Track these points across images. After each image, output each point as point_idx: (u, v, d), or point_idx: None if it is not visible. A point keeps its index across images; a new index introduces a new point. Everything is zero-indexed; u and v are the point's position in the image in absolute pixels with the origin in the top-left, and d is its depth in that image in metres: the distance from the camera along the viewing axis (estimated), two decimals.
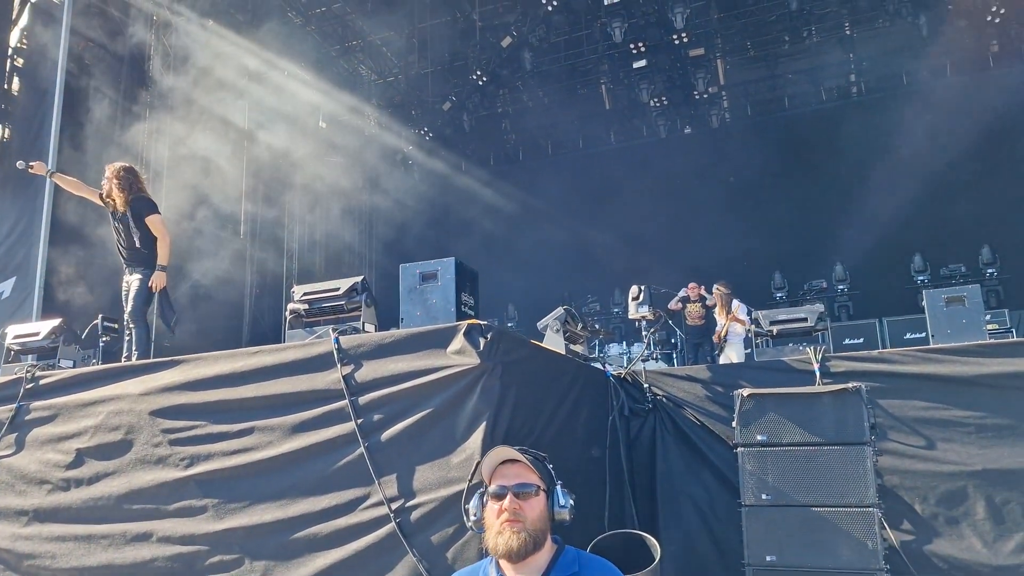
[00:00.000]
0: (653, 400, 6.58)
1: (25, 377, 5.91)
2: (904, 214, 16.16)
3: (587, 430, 6.04)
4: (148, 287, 6.90)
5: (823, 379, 5.89)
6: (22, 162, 7.28)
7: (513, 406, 4.72)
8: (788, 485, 5.10)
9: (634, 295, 7.22)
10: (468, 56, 18.37)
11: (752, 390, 5.41)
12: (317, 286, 5.77)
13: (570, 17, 17.26)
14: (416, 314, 5.31)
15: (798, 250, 16.94)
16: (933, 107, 16.71)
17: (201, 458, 5.14)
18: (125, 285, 7.07)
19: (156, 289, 6.90)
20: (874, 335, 13.54)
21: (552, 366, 5.75)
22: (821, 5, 16.31)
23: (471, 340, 4.66)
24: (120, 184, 6.93)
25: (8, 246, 12.41)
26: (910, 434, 5.67)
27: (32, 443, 5.73)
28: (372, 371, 4.86)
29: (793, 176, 17.69)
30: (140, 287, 6.88)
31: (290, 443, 4.93)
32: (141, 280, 6.90)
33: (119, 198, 6.92)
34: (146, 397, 5.42)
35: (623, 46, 17.34)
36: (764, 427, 5.25)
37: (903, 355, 5.99)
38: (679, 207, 17.85)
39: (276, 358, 5.20)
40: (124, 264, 7.15)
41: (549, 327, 6.25)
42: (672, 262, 16.34)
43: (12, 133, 13.04)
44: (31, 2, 13.32)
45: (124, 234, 7.00)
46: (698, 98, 18.92)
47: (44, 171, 7.54)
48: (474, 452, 4.44)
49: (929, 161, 16.12)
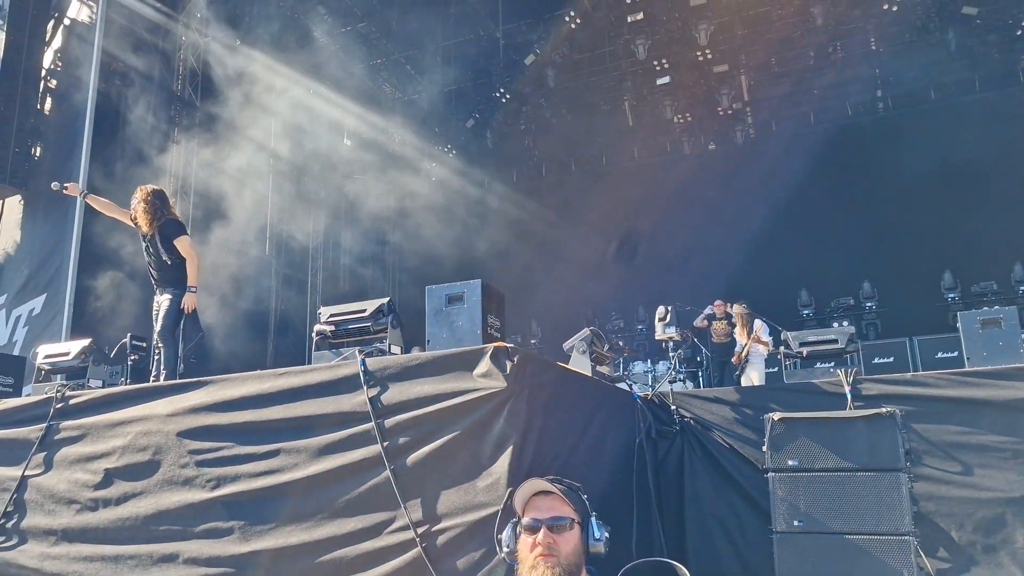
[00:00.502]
0: (681, 422, 6.50)
1: (55, 397, 5.95)
2: (933, 230, 15.95)
3: (614, 453, 5.97)
4: (179, 307, 6.95)
5: (854, 402, 5.79)
6: (56, 184, 7.39)
7: (540, 430, 4.68)
8: (821, 512, 5.00)
9: (660, 315, 7.16)
10: (491, 74, 18.44)
11: (783, 414, 5.32)
12: (343, 307, 5.78)
13: (593, 34, 17.29)
14: (442, 336, 5.28)
15: (825, 267, 16.76)
16: (961, 122, 16.53)
17: (228, 479, 5.14)
18: (156, 305, 7.14)
19: (188, 311, 6.95)
20: (904, 354, 13.33)
21: (579, 389, 5.70)
22: (846, 20, 16.20)
23: (497, 363, 4.62)
24: (147, 208, 6.99)
25: (39, 264, 12.60)
26: (946, 459, 5.54)
27: (61, 463, 5.77)
28: (398, 393, 4.84)
29: (819, 192, 17.52)
30: (170, 307, 6.94)
31: (316, 465, 4.92)
32: (171, 300, 6.96)
33: (145, 222, 6.99)
34: (173, 418, 5.44)
35: (646, 63, 17.33)
36: (795, 452, 5.16)
37: (937, 378, 5.87)
38: (703, 223, 17.75)
39: (302, 380, 5.20)
40: (155, 285, 7.22)
41: (575, 348, 6.21)
42: (696, 279, 16.25)
43: (44, 152, 13.25)
44: (64, 24, 13.57)
45: (154, 256, 7.07)
46: (722, 114, 18.84)
47: (77, 192, 7.65)
48: (500, 477, 4.40)
49: (958, 176, 15.92)
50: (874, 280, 16.31)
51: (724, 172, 18.48)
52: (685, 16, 16.22)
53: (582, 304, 18.14)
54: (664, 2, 15.98)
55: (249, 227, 16.09)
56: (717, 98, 18.22)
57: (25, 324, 12.29)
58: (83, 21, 13.43)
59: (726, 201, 17.77)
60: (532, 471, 4.37)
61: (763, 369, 11.14)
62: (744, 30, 16.99)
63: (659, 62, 17.50)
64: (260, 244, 17.96)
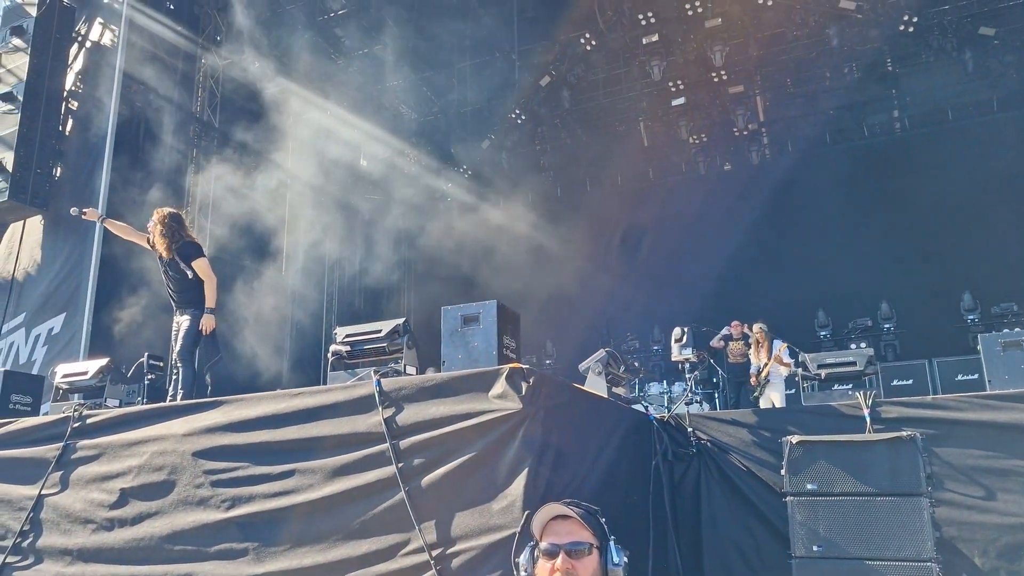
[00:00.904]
0: (697, 445, 6.45)
1: (72, 416, 5.98)
2: (952, 251, 15.81)
3: (630, 475, 5.93)
4: (198, 329, 6.99)
5: (874, 425, 5.72)
6: (75, 209, 7.45)
7: (555, 452, 4.65)
8: (841, 537, 4.93)
9: (677, 337, 7.13)
10: (507, 95, 18.53)
11: (801, 437, 5.26)
12: (359, 328, 5.79)
13: (609, 56, 17.35)
14: (458, 357, 5.28)
15: (842, 287, 16.62)
16: (979, 142, 16.42)
17: (242, 500, 5.14)
18: (175, 325, 7.19)
19: (206, 332, 6.99)
20: (924, 376, 13.16)
21: (594, 410, 5.67)
22: (862, 41, 16.17)
23: (513, 384, 4.61)
24: (164, 231, 7.04)
25: (58, 283, 12.71)
26: (968, 484, 5.46)
27: (77, 482, 5.79)
28: (413, 414, 4.83)
29: (835, 212, 17.43)
30: (189, 327, 6.98)
31: (331, 486, 4.91)
32: (190, 321, 6.99)
33: (162, 245, 7.04)
34: (189, 438, 5.45)
35: (662, 84, 17.36)
36: (814, 475, 5.10)
37: (958, 401, 5.80)
38: (719, 243, 17.68)
39: (318, 400, 5.21)
40: (175, 306, 7.27)
41: (591, 369, 6.18)
42: (712, 299, 16.18)
43: (65, 172, 13.41)
44: (86, 47, 13.78)
45: (172, 278, 7.11)
46: (738, 134, 18.82)
47: (96, 217, 7.74)
48: (516, 499, 4.37)
49: (976, 197, 15.79)
50: (892, 301, 16.15)
51: (740, 192, 18.43)
52: (700, 38, 16.25)
53: (597, 324, 18.08)
54: (679, 24, 16.02)
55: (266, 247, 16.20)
56: (732, 119, 18.21)
57: (44, 343, 12.39)
58: (105, 44, 13.64)
59: (742, 221, 17.71)
60: (547, 493, 4.35)
61: (783, 390, 11.03)
62: (759, 51, 16.99)
63: (674, 83, 17.53)
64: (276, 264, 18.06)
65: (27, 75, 12.86)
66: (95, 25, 13.76)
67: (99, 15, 13.72)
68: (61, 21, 13.46)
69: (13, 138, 12.67)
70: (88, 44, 13.79)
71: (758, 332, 11.51)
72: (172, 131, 14.33)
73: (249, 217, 15.12)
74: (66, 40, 13.54)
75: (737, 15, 15.70)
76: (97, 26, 13.74)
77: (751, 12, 15.55)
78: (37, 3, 13.27)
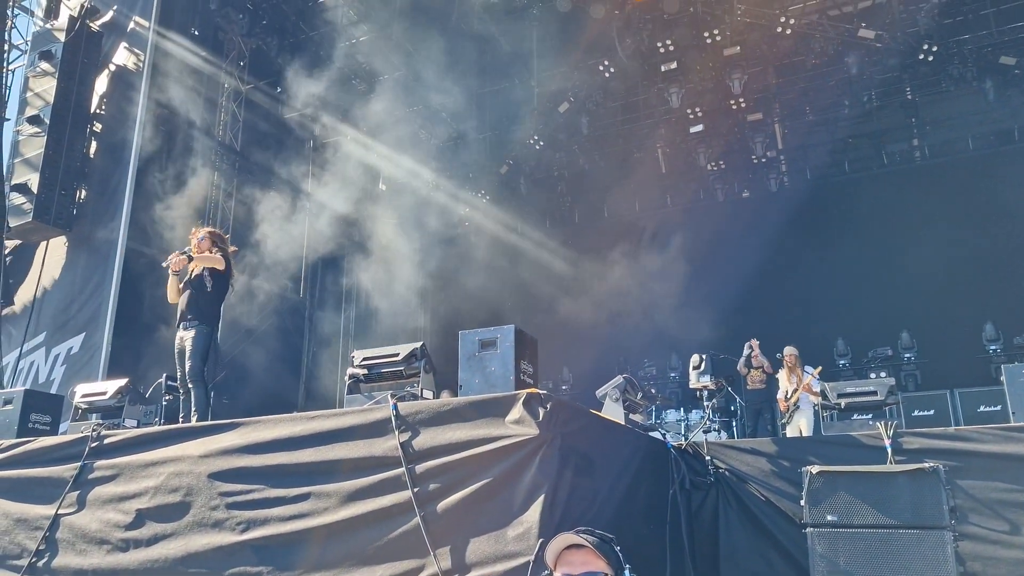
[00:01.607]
0: (715, 473, 6.38)
1: (91, 436, 6.01)
2: (973, 280, 15.64)
3: (647, 504, 5.87)
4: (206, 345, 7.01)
5: (895, 456, 5.64)
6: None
7: (572, 479, 4.62)
8: (862, 569, 4.84)
9: (695, 364, 7.08)
10: (526, 120, 18.64)
11: (821, 467, 5.19)
12: (377, 351, 5.79)
13: (627, 83, 17.44)
14: (475, 382, 5.26)
15: (862, 316, 16.47)
16: (1001, 171, 16.31)
17: (258, 523, 5.12)
18: (179, 342, 7.18)
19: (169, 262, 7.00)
20: (946, 407, 12.98)
21: (612, 437, 5.62)
22: (881, 70, 16.15)
23: (530, 410, 4.59)
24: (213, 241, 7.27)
25: (80, 303, 12.85)
26: (993, 518, 5.35)
27: (94, 502, 5.80)
28: (430, 439, 4.82)
29: (855, 239, 17.33)
30: (196, 346, 6.98)
31: (347, 510, 4.89)
32: (196, 337, 7.00)
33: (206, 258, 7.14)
34: (206, 459, 5.45)
35: (680, 111, 17.41)
36: (835, 507, 5.02)
37: (981, 433, 5.70)
38: (737, 270, 17.58)
39: (334, 423, 5.20)
40: (181, 319, 7.26)
41: (608, 396, 6.14)
42: (730, 326, 16.05)
43: (89, 194, 13.60)
44: (111, 70, 14.02)
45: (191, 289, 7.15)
46: (756, 162, 18.79)
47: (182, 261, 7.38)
48: (532, 526, 4.33)
49: (998, 226, 15.67)
50: (913, 330, 15.99)
51: (758, 220, 18.36)
52: (719, 65, 16.31)
53: (615, 350, 17.99)
54: (698, 52, 16.08)
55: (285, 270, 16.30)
56: (751, 146, 18.20)
57: (63, 362, 12.49)
58: (130, 68, 13.87)
59: (760, 248, 17.63)
60: (564, 520, 4.31)
61: (812, 417, 10.82)
62: (778, 79, 17.03)
63: (692, 110, 17.57)
64: (295, 286, 18.18)
65: (54, 98, 13.12)
66: (121, 50, 14.02)
67: (125, 40, 13.98)
68: (88, 46, 13.74)
69: (39, 160, 12.91)
70: (114, 68, 14.04)
71: (789, 356, 11.37)
72: (195, 154, 14.52)
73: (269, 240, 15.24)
74: (93, 64, 13.81)
75: (755, 43, 15.76)
76: (123, 51, 13.99)
77: (769, 40, 15.60)
78: (66, 28, 13.56)
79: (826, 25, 15.24)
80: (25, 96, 13.66)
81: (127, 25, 14.01)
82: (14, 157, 13.31)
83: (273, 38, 15.88)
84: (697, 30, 15.37)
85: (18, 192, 12.89)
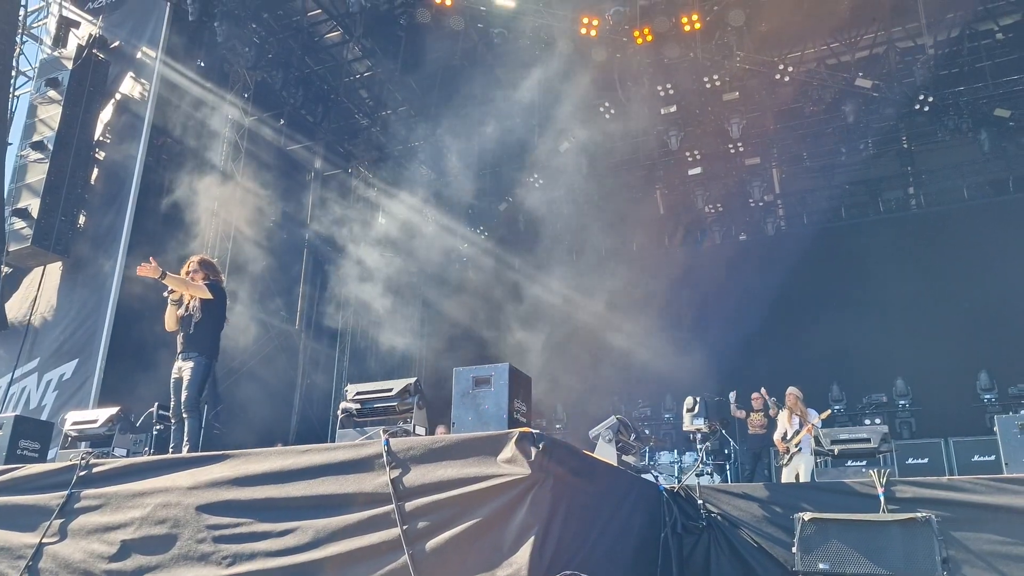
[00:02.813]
0: (707, 518, 6.33)
1: (79, 464, 5.96)
2: (968, 329, 15.69)
3: (638, 546, 5.81)
4: (204, 376, 6.99)
5: (888, 504, 5.60)
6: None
7: (563, 520, 4.58)
8: None
9: (688, 406, 7.06)
10: (525, 158, 18.80)
11: (813, 514, 5.17)
12: (370, 386, 5.78)
13: (627, 124, 17.61)
14: (468, 419, 5.25)
15: (857, 362, 16.47)
16: (995, 221, 16.44)
17: (244, 557, 5.07)
18: (176, 372, 7.15)
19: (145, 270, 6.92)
20: (939, 455, 12.93)
21: (604, 478, 5.59)
22: (878, 119, 16.37)
23: (522, 449, 4.57)
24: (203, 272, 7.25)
25: (73, 329, 12.81)
26: (985, 570, 5.30)
27: (79, 532, 5.73)
28: (420, 476, 4.79)
29: (850, 285, 17.40)
30: (194, 376, 6.95)
31: (334, 547, 4.84)
32: (194, 368, 6.98)
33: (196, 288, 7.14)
34: (194, 491, 5.41)
35: (679, 153, 17.59)
36: (826, 555, 4.99)
37: (974, 483, 5.67)
38: (733, 313, 17.63)
39: (325, 457, 5.17)
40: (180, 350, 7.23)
41: (601, 436, 6.12)
42: (725, 369, 16.04)
43: (88, 220, 13.64)
44: (117, 99, 14.16)
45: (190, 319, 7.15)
46: (753, 205, 18.95)
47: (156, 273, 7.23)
48: (521, 567, 4.29)
49: (993, 276, 15.76)
50: (908, 377, 15.98)
51: (755, 263, 18.46)
52: (718, 110, 16.53)
53: (610, 390, 17.95)
54: (697, 96, 16.30)
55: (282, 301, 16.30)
56: (748, 190, 18.37)
57: (55, 388, 12.42)
58: (135, 97, 14.00)
59: (756, 292, 17.68)
60: (554, 562, 4.27)
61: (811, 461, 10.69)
62: (776, 125, 17.24)
63: (691, 153, 17.76)
64: (291, 318, 18.17)
65: (59, 125, 13.22)
66: (127, 79, 14.16)
67: (131, 69, 14.13)
68: (95, 74, 13.89)
69: (40, 185, 12.97)
70: (119, 97, 14.17)
71: (791, 397, 11.23)
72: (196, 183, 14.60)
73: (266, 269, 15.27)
74: (99, 93, 13.94)
75: (754, 89, 15.99)
76: (129, 80, 14.13)
77: (768, 87, 15.82)
78: (73, 56, 13.71)
79: (824, 74, 15.47)
80: (31, 122, 13.76)
81: (134, 55, 14.17)
82: (16, 182, 13.37)
83: (278, 71, 16.05)
84: (697, 75, 15.58)
85: (18, 217, 12.93)
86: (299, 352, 18.14)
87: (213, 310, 7.23)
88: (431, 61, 16.55)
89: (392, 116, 18.41)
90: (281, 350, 16.77)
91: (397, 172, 19.27)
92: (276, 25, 15.83)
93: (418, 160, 19.68)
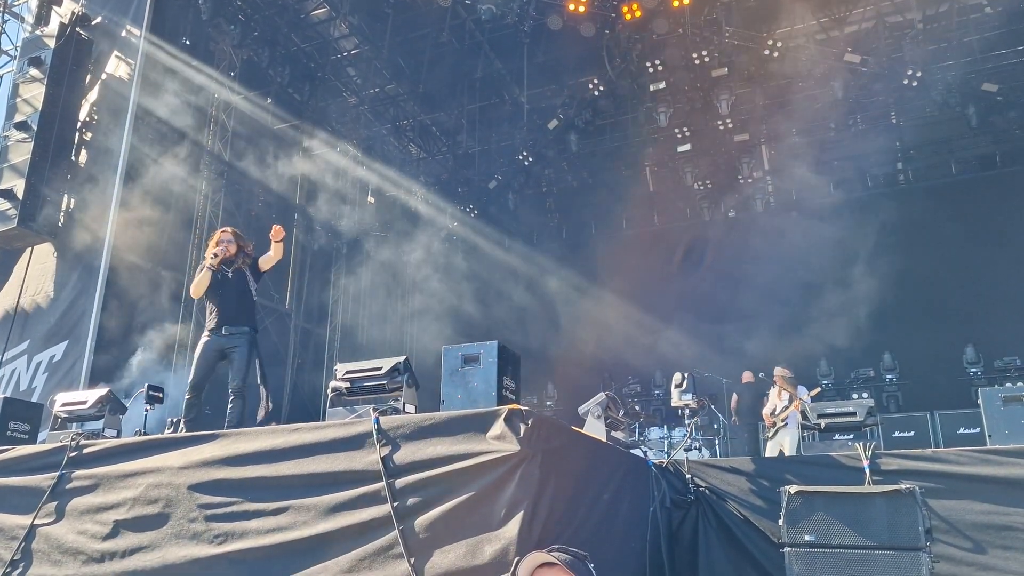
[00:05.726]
0: (696, 492, 6.40)
1: (69, 445, 5.97)
2: (955, 304, 15.83)
3: (627, 521, 5.88)
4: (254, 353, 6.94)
5: (873, 476, 5.68)
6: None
7: (552, 495, 4.62)
8: None
9: (677, 382, 7.11)
10: (515, 137, 18.75)
11: (800, 487, 5.23)
12: (359, 364, 5.79)
13: (616, 101, 17.57)
14: (457, 397, 5.28)
15: (845, 337, 16.58)
16: (983, 196, 16.53)
17: (235, 535, 5.10)
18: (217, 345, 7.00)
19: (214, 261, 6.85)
20: (925, 429, 13.07)
21: (593, 454, 5.64)
22: (867, 94, 16.38)
23: (511, 426, 4.60)
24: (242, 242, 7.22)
25: (63, 311, 12.75)
26: (967, 540, 5.40)
27: (71, 512, 5.75)
28: (411, 453, 4.82)
29: (838, 261, 17.45)
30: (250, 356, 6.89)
31: (325, 524, 4.88)
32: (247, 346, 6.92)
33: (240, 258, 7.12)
34: (185, 471, 5.43)
35: (668, 130, 17.56)
36: (812, 527, 5.05)
37: (958, 455, 5.76)
38: (722, 290, 17.70)
39: (316, 436, 5.20)
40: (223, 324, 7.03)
41: (590, 413, 6.16)
42: (715, 345, 16.15)
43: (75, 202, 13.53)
44: (101, 78, 13.99)
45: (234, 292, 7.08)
46: (742, 182, 18.96)
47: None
48: (510, 542, 4.34)
49: (980, 250, 15.86)
50: (895, 352, 16.12)
51: (744, 239, 18.50)
52: (707, 86, 16.48)
53: (600, 366, 18.02)
54: (686, 72, 16.25)
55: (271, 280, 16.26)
56: (737, 166, 18.38)
57: (45, 370, 12.39)
58: (121, 76, 13.83)
59: (745, 268, 17.75)
60: (543, 537, 4.32)
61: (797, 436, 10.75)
62: (765, 101, 17.22)
63: (680, 130, 17.74)
64: (280, 298, 18.13)
65: (42, 104, 13.05)
66: (112, 58, 13.98)
67: (116, 48, 13.94)
68: (78, 53, 13.70)
69: (25, 166, 12.82)
70: (104, 76, 14.00)
71: (780, 375, 11.31)
72: (183, 163, 14.49)
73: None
74: (82, 71, 13.76)
75: (743, 65, 15.94)
76: (114, 59, 13.95)
77: (757, 63, 15.79)
78: (56, 35, 13.52)
79: (813, 49, 15.43)
80: (13, 102, 13.59)
81: (118, 33, 13.97)
82: (1, 163, 13.24)
83: (264, 49, 15.90)
84: (686, 51, 15.53)
85: (3, 198, 12.82)
86: (289, 332, 18.13)
87: (259, 280, 7.18)
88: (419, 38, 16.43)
89: (380, 94, 18.27)
90: (271, 330, 16.73)
91: (385, 151, 19.18)
92: (261, 2, 15.65)
93: (406, 138, 19.59)
